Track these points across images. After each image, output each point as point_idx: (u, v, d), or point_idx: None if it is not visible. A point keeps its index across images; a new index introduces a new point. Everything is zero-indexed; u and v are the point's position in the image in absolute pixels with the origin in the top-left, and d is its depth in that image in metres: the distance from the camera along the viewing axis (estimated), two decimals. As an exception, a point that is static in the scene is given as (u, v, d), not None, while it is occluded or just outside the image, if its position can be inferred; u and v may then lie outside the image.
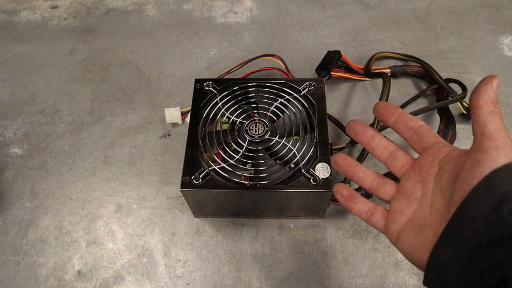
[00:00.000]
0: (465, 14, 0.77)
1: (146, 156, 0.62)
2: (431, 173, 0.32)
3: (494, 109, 0.30)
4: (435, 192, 0.32)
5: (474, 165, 0.28)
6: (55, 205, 0.58)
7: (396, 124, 0.36)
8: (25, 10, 0.83)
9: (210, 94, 0.55)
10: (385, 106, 0.37)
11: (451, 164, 0.31)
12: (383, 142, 0.37)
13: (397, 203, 0.34)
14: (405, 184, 0.34)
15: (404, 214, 0.33)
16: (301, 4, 0.81)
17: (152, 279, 0.52)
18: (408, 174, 0.34)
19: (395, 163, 0.36)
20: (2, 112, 0.68)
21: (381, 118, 0.36)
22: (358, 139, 0.38)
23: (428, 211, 0.32)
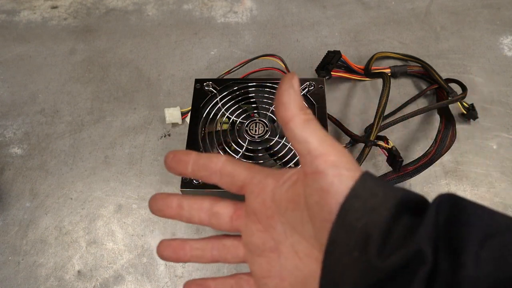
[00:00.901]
0: (465, 14, 0.77)
1: (146, 156, 0.62)
2: (271, 215, 0.27)
3: (306, 117, 0.25)
4: (289, 235, 0.27)
5: (322, 196, 0.23)
6: (55, 205, 0.58)
7: (196, 172, 0.29)
8: (25, 10, 0.83)
9: (210, 94, 0.55)
10: (174, 157, 0.29)
11: (287, 198, 0.26)
12: (194, 204, 0.30)
13: (256, 265, 0.29)
14: (251, 240, 0.29)
15: (272, 275, 0.28)
16: (301, 4, 0.81)
17: (152, 279, 0.52)
18: (247, 227, 0.29)
19: (221, 221, 0.30)
20: (2, 112, 0.68)
21: (176, 172, 0.30)
22: (166, 215, 0.30)
23: (296, 259, 0.27)
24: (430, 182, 0.57)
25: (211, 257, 0.31)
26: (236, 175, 0.28)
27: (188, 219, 0.30)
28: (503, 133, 0.61)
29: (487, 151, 0.60)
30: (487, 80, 0.67)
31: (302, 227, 0.26)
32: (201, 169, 0.29)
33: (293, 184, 0.26)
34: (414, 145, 0.61)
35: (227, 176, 0.28)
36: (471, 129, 0.62)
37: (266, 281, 0.28)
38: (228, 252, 0.30)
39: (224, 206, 0.30)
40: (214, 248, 0.31)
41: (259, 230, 0.28)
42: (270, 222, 0.27)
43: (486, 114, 0.63)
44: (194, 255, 0.31)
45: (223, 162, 0.29)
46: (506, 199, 0.55)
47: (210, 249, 0.31)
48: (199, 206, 0.30)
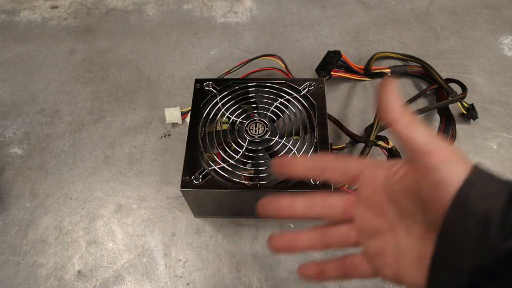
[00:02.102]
0: (465, 14, 0.77)
1: (146, 156, 0.62)
2: (383, 203, 0.29)
3: (409, 118, 0.27)
4: (403, 219, 0.29)
5: (436, 190, 0.25)
6: (55, 205, 0.58)
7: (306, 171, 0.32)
8: (25, 10, 0.83)
9: (210, 94, 0.55)
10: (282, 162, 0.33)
11: (399, 188, 0.28)
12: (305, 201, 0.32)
13: (370, 247, 0.31)
14: (364, 225, 0.31)
15: (388, 254, 0.29)
16: (301, 4, 0.81)
17: (152, 279, 0.52)
18: (360, 214, 0.31)
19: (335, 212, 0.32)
20: (2, 112, 0.68)
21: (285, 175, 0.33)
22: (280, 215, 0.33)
23: (411, 240, 0.28)
24: (430, 182, 0.57)
25: (322, 245, 0.33)
26: (347, 169, 0.31)
27: (303, 216, 0.33)
28: (503, 133, 0.61)
29: (487, 151, 0.60)
30: (487, 80, 0.67)
31: (415, 213, 0.28)
32: (311, 168, 0.32)
33: (403, 176, 0.28)
34: (414, 145, 0.61)
35: (339, 171, 0.31)
36: (471, 129, 0.62)
37: (382, 261, 0.30)
38: (342, 238, 0.32)
39: (335, 198, 0.32)
40: (326, 237, 0.33)
41: (372, 216, 0.30)
42: (382, 209, 0.29)
43: (486, 114, 0.63)
44: (307, 246, 0.33)
45: (332, 159, 0.32)
46: (506, 199, 0.55)
47: (321, 239, 0.33)
48: (311, 202, 0.32)
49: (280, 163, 0.33)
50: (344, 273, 0.32)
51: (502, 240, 0.23)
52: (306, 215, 0.32)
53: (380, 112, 0.29)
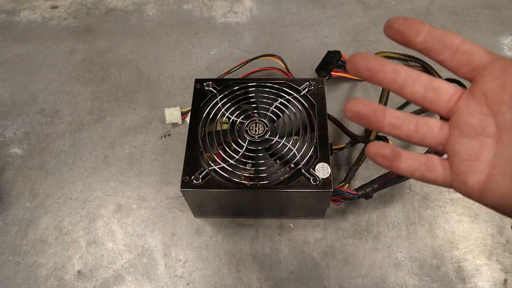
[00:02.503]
0: (465, 14, 0.77)
1: (146, 156, 0.62)
2: (504, 101, 0.25)
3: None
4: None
5: None
6: (55, 205, 0.58)
7: (427, 43, 0.27)
8: (25, 10, 0.83)
9: (210, 94, 0.55)
10: (405, 21, 0.27)
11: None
12: (411, 73, 0.27)
13: (464, 146, 0.26)
14: (468, 120, 0.26)
15: (483, 159, 0.26)
16: (301, 4, 0.81)
17: (152, 279, 0.52)
18: (467, 108, 0.27)
19: (438, 98, 0.27)
20: (2, 112, 0.68)
21: (401, 39, 0.27)
22: (376, 78, 0.28)
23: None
24: (430, 182, 0.57)
25: (407, 131, 0.28)
26: (476, 55, 0.26)
27: (400, 88, 0.28)
28: (503, 133, 0.61)
29: (487, 151, 0.60)
30: (487, 80, 0.67)
31: None
32: (434, 41, 0.27)
33: None
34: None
35: (464, 54, 0.26)
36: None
37: (472, 164, 0.26)
38: (430, 130, 0.28)
39: (445, 83, 0.27)
40: (413, 123, 0.28)
41: (483, 113, 0.26)
42: (501, 108, 0.25)
43: (486, 114, 0.63)
44: (391, 123, 0.28)
45: (461, 40, 0.26)
46: (506, 199, 0.55)
47: (409, 122, 0.28)
48: (417, 76, 0.27)
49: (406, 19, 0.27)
50: (417, 168, 0.28)
51: None
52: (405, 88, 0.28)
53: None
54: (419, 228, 0.54)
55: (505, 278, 0.50)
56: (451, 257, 0.52)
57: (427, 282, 0.50)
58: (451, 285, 0.50)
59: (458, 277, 0.50)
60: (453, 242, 0.53)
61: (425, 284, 0.50)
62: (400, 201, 0.56)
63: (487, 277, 0.50)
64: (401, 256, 0.52)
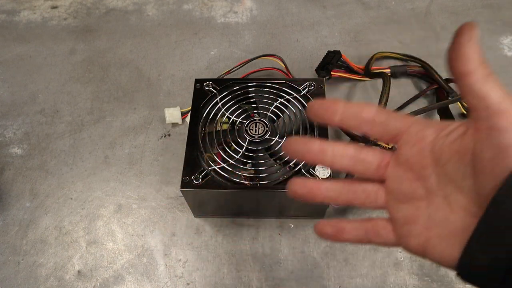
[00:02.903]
0: (465, 14, 0.77)
1: (146, 156, 0.62)
2: (426, 165, 0.26)
3: (488, 71, 0.24)
4: (444, 186, 0.26)
5: (498, 154, 0.22)
6: (55, 205, 0.58)
7: (344, 121, 0.28)
8: (25, 10, 0.83)
9: (210, 94, 0.55)
10: (321, 105, 0.29)
11: (451, 150, 0.25)
12: (337, 149, 0.29)
13: (400, 212, 0.28)
14: (398, 187, 0.28)
15: (418, 222, 0.27)
16: (301, 4, 0.81)
17: (152, 279, 0.52)
18: (395, 175, 0.28)
19: (367, 169, 0.29)
20: (2, 112, 0.68)
21: (322, 119, 0.29)
22: (307, 159, 0.30)
23: (447, 210, 0.26)
24: (430, 182, 0.57)
25: (346, 200, 0.30)
26: (391, 124, 0.27)
27: (330, 164, 0.30)
28: (503, 133, 0.61)
29: (487, 151, 0.60)
30: (487, 80, 0.67)
31: (461, 180, 0.25)
32: (351, 118, 0.28)
33: (460, 136, 0.25)
34: (414, 145, 0.61)
35: (380, 125, 0.28)
36: (471, 129, 0.62)
37: (410, 228, 0.27)
38: (367, 197, 0.30)
39: (372, 153, 0.29)
40: (351, 192, 0.30)
41: (410, 179, 0.27)
42: (423, 172, 0.27)
43: (486, 114, 0.63)
44: (328, 196, 0.30)
45: (376, 111, 0.28)
46: (506, 199, 0.55)
47: (346, 192, 0.30)
48: (343, 152, 0.29)
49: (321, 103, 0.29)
50: (363, 237, 0.29)
51: None
52: (334, 164, 0.29)
53: (452, 61, 0.25)
54: (419, 228, 0.54)
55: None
56: (451, 257, 0.52)
57: (427, 282, 0.50)
58: (451, 285, 0.50)
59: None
60: (453, 242, 0.53)
61: (425, 284, 0.50)
62: (400, 201, 0.56)
63: (487, 277, 0.50)
64: (401, 256, 0.52)
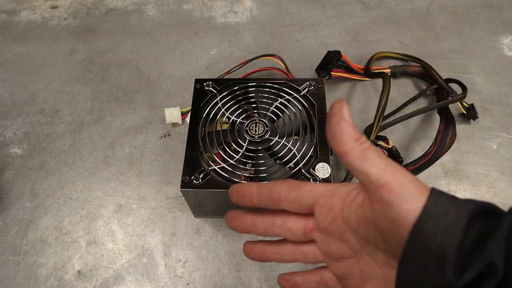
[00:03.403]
0: (465, 14, 0.77)
1: (146, 156, 0.62)
2: (344, 231, 0.29)
3: (362, 148, 0.25)
4: (365, 246, 0.28)
5: (392, 225, 0.24)
6: (55, 205, 0.58)
7: (262, 203, 0.31)
8: (25, 10, 0.83)
9: (210, 94, 0.55)
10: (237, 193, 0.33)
11: (357, 218, 0.27)
12: (266, 222, 0.32)
13: (336, 269, 0.31)
14: (327, 250, 0.31)
15: (354, 277, 0.30)
16: (301, 4, 0.81)
17: (152, 279, 0.52)
18: (322, 239, 0.31)
19: (295, 235, 0.32)
20: (2, 112, 0.68)
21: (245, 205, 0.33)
22: (243, 231, 0.34)
23: (375, 265, 0.28)
24: (430, 182, 0.57)
25: (291, 259, 0.33)
26: (302, 200, 0.30)
27: (264, 234, 0.33)
28: (503, 133, 0.61)
29: (487, 151, 0.60)
30: (487, 80, 0.67)
31: (375, 241, 0.27)
32: (266, 200, 0.31)
33: (360, 205, 0.27)
34: (414, 145, 0.61)
35: (293, 203, 0.30)
36: (471, 129, 0.62)
37: (348, 282, 0.30)
38: (307, 257, 0.33)
39: (295, 222, 0.31)
40: (292, 253, 0.33)
41: (334, 242, 0.30)
42: (343, 236, 0.29)
43: (486, 114, 0.63)
44: (275, 258, 0.34)
45: (285, 190, 0.30)
46: (506, 199, 0.55)
47: (288, 254, 0.33)
48: (272, 223, 0.32)
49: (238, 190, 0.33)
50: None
51: (457, 277, 0.22)
52: (267, 234, 0.33)
53: (330, 142, 0.26)
54: (419, 228, 0.54)
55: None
56: (451, 257, 0.52)
57: (427, 282, 0.50)
58: (451, 285, 0.50)
59: (458, 277, 0.50)
60: (453, 242, 0.53)
61: (425, 284, 0.50)
62: (400, 201, 0.56)
63: (487, 277, 0.50)
64: (401, 256, 0.52)
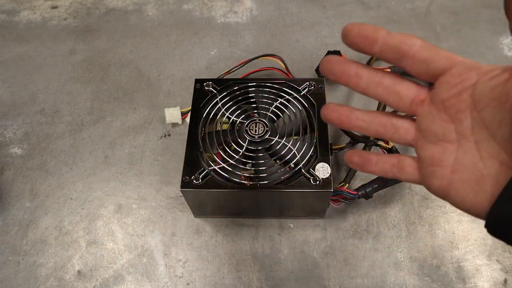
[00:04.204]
0: (465, 14, 0.77)
1: (146, 156, 0.62)
2: (463, 109, 0.25)
3: None
4: (477, 132, 0.25)
5: None
6: (55, 205, 0.58)
7: (383, 53, 0.27)
8: (25, 10, 0.83)
9: (210, 94, 0.55)
10: (359, 32, 0.26)
11: (492, 95, 0.24)
12: (374, 77, 0.28)
13: (427, 151, 0.27)
14: (430, 127, 0.27)
15: (444, 164, 0.26)
16: (301, 4, 0.81)
17: (152, 279, 0.52)
18: (429, 114, 0.27)
19: (400, 102, 0.28)
20: (2, 112, 0.68)
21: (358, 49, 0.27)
22: (341, 81, 0.29)
23: (476, 156, 0.25)
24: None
25: (375, 132, 0.30)
26: (433, 63, 0.26)
27: (364, 90, 0.29)
28: (503, 133, 0.61)
29: (487, 151, 0.60)
30: (487, 80, 0.67)
31: (497, 127, 0.24)
32: (391, 51, 0.26)
33: (503, 82, 0.24)
34: (414, 145, 0.61)
35: (422, 63, 0.26)
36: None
37: (435, 169, 0.27)
38: (396, 132, 0.29)
39: (407, 87, 0.28)
40: (381, 125, 0.29)
41: (443, 120, 0.27)
42: (459, 115, 0.26)
43: (486, 114, 0.63)
44: (358, 125, 0.30)
45: (419, 46, 0.26)
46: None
47: (377, 124, 0.30)
48: (379, 80, 0.28)
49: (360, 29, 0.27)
50: (388, 170, 0.30)
51: None
52: (367, 92, 0.29)
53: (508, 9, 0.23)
54: (419, 228, 0.54)
55: (505, 278, 0.50)
56: (451, 257, 0.52)
57: (427, 282, 0.50)
58: (451, 285, 0.50)
59: (458, 277, 0.50)
60: (453, 242, 0.53)
61: (425, 284, 0.50)
62: (400, 201, 0.56)
63: (487, 277, 0.50)
64: (401, 256, 0.52)
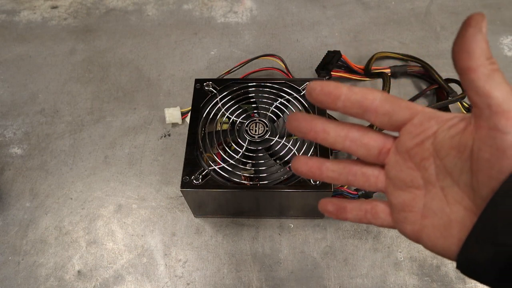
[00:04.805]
0: (465, 14, 0.76)
1: (146, 156, 0.62)
2: (427, 157, 0.26)
3: (492, 68, 0.23)
4: (442, 178, 0.26)
5: (496, 156, 0.22)
6: (55, 205, 0.58)
7: (348, 109, 0.27)
8: (25, 10, 0.83)
9: (210, 94, 0.55)
10: (322, 90, 0.27)
11: (451, 144, 0.25)
12: (340, 131, 0.29)
13: (397, 198, 0.28)
14: (398, 175, 0.28)
15: (415, 210, 0.27)
16: (301, 4, 0.81)
17: (152, 279, 0.52)
18: (395, 162, 0.28)
19: (368, 154, 0.29)
20: (2, 112, 0.68)
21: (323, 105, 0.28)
22: (309, 137, 0.29)
23: (444, 202, 0.26)
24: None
25: (346, 181, 0.30)
26: (395, 115, 0.27)
27: (332, 145, 0.29)
28: (503, 133, 0.61)
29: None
30: (487, 80, 0.67)
31: (459, 175, 0.25)
32: (354, 106, 0.27)
33: (460, 132, 0.24)
34: (414, 145, 0.61)
35: (384, 115, 0.27)
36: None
37: (406, 215, 0.28)
38: (367, 180, 0.30)
39: (374, 138, 0.28)
40: (351, 174, 0.30)
41: (409, 168, 0.27)
42: (423, 163, 0.26)
43: (486, 114, 0.63)
44: (329, 176, 0.30)
45: (380, 100, 0.26)
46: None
47: (347, 174, 0.30)
48: (346, 134, 0.28)
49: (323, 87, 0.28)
50: (362, 216, 0.30)
51: None
52: (335, 146, 0.29)
53: (456, 54, 0.24)
54: (419, 228, 0.54)
55: (505, 278, 0.50)
56: (451, 257, 0.52)
57: (427, 282, 0.50)
58: (451, 285, 0.50)
59: (458, 277, 0.50)
60: (453, 242, 0.53)
61: (425, 284, 0.50)
62: (400, 201, 0.56)
63: (487, 277, 0.50)
64: (401, 256, 0.52)
